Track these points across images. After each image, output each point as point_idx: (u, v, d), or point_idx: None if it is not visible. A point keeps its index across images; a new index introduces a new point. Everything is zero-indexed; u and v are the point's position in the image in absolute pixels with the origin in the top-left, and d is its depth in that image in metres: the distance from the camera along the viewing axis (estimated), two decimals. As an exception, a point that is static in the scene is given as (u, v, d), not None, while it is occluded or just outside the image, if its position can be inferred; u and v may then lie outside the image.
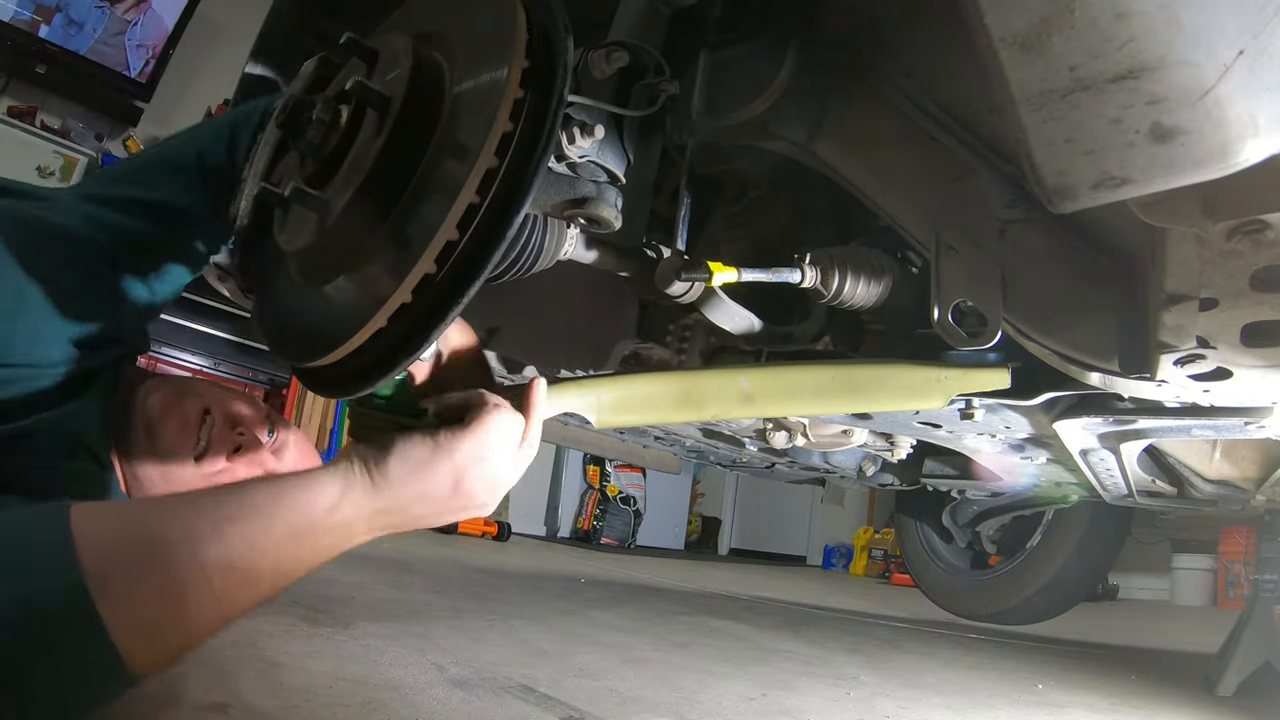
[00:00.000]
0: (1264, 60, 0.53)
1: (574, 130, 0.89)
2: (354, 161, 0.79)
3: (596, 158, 0.94)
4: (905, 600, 4.16)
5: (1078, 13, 0.54)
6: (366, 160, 0.77)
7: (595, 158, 0.94)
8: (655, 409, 1.06)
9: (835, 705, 1.54)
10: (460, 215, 0.71)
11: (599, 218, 0.94)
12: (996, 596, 2.67)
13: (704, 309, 1.14)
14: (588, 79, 0.94)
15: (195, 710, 1.01)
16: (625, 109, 0.95)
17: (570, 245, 1.01)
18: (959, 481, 2.02)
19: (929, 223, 1.00)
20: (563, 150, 0.91)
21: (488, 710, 1.20)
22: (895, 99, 1.01)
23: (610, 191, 0.95)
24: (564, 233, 1.00)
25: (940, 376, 1.08)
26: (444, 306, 0.73)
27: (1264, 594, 1.98)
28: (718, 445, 1.98)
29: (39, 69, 4.25)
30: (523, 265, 0.97)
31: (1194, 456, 1.52)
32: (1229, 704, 1.89)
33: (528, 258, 0.97)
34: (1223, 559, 5.18)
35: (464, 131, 0.75)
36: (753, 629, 2.50)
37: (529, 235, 0.95)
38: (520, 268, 0.97)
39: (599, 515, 6.39)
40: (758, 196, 1.36)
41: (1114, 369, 0.93)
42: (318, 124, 0.82)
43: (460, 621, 1.93)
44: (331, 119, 0.82)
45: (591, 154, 0.93)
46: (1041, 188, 0.66)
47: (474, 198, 0.71)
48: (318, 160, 0.82)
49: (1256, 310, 0.76)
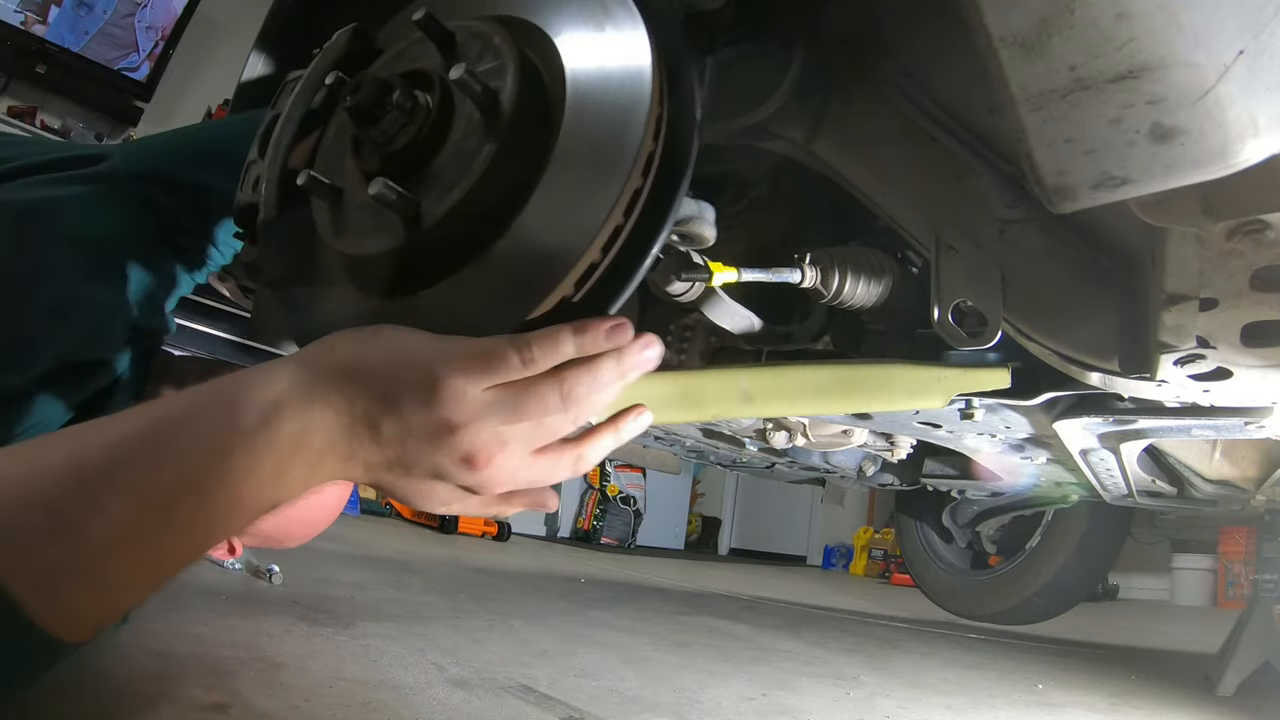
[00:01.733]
0: (1264, 60, 0.53)
1: None
2: (452, 160, 0.70)
3: None
4: (905, 600, 4.16)
5: (1078, 13, 0.54)
6: (477, 162, 0.67)
7: None
8: (655, 409, 1.05)
9: (835, 705, 1.54)
10: (606, 238, 0.65)
11: (700, 236, 0.91)
12: (996, 596, 2.67)
13: (704, 309, 1.14)
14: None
15: (195, 710, 1.01)
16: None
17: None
18: (959, 481, 2.02)
19: (929, 223, 1.00)
20: None
21: (488, 710, 1.20)
22: (895, 99, 1.01)
23: (709, 209, 0.92)
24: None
25: (940, 376, 1.08)
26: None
27: (1264, 594, 1.98)
28: (718, 445, 1.98)
29: (39, 69, 4.25)
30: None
31: (1194, 456, 1.52)
32: (1229, 704, 1.89)
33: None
34: (1223, 559, 5.18)
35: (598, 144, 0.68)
36: (753, 629, 2.50)
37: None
38: None
39: (599, 515, 6.39)
40: (757, 196, 1.36)
41: (1114, 369, 0.93)
42: (396, 111, 0.71)
43: (460, 621, 1.93)
44: (411, 107, 0.72)
45: None
46: (1041, 188, 0.66)
47: (620, 219, 0.65)
48: (385, 153, 0.72)
49: (1256, 310, 0.76)
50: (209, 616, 1.51)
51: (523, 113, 0.69)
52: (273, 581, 1.96)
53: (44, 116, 4.33)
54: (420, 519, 4.86)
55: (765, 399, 1.08)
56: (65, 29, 4.37)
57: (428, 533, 4.60)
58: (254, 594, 1.84)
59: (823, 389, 1.09)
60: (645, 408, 0.73)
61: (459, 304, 0.69)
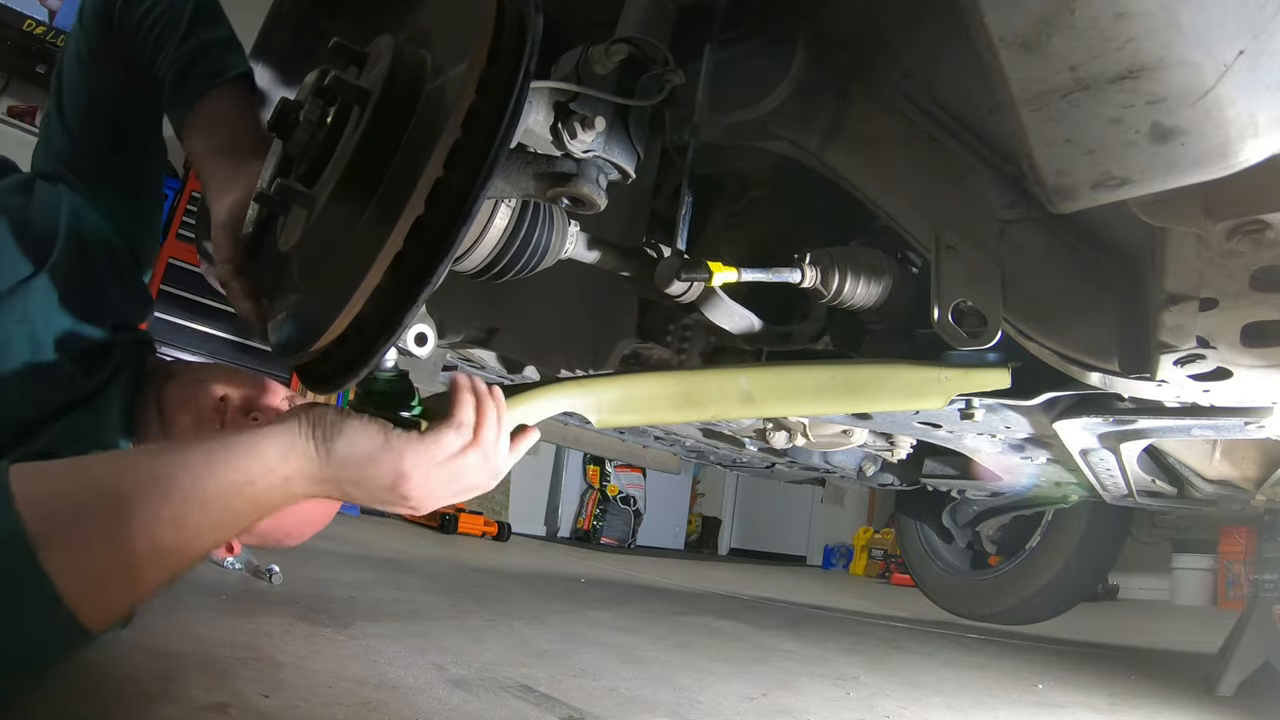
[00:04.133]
0: (1264, 60, 0.53)
1: (574, 124, 0.88)
2: (339, 156, 0.81)
3: (603, 153, 0.92)
4: (905, 600, 4.16)
5: (1078, 13, 0.54)
6: (348, 152, 0.79)
7: (601, 153, 0.92)
8: (655, 409, 1.06)
9: (835, 705, 1.54)
10: (428, 191, 0.72)
11: (582, 195, 0.92)
12: (996, 596, 2.67)
13: (704, 309, 1.14)
14: (589, 74, 0.93)
15: (195, 710, 1.01)
16: (630, 100, 0.93)
17: (572, 243, 1.01)
18: (959, 481, 2.02)
19: (929, 223, 1.00)
20: (565, 145, 0.90)
21: (488, 710, 1.20)
22: (895, 99, 1.01)
23: (591, 169, 0.92)
24: (566, 230, 0.99)
25: (940, 376, 1.08)
26: (416, 286, 0.74)
27: (1264, 594, 1.98)
28: (718, 445, 1.98)
29: (39, 69, 4.25)
30: (526, 261, 0.96)
31: (1194, 456, 1.52)
32: (1229, 704, 1.89)
33: (531, 253, 0.96)
34: (1223, 559, 5.18)
35: (435, 115, 0.77)
36: (753, 629, 2.50)
37: (531, 230, 0.95)
38: (524, 264, 0.96)
39: (599, 515, 6.39)
40: (758, 196, 1.36)
41: (1114, 369, 0.93)
42: (305, 123, 0.83)
43: (460, 621, 1.93)
44: (319, 118, 0.83)
45: (597, 149, 0.91)
46: (1041, 188, 0.66)
47: (441, 172, 0.73)
48: (309, 160, 0.83)
49: (1256, 310, 0.76)
50: (209, 616, 1.51)
51: (388, 103, 0.79)
52: (273, 581, 1.96)
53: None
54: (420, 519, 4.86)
55: (765, 399, 1.08)
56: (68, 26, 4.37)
57: (427, 533, 4.60)
58: (254, 594, 1.84)
59: (822, 389, 1.09)
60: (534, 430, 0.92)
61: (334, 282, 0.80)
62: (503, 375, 1.88)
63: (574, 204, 0.93)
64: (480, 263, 0.94)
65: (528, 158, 0.91)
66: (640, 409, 1.03)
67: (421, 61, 0.82)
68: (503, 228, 0.93)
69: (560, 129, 0.89)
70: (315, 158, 0.83)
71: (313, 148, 0.83)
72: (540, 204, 0.95)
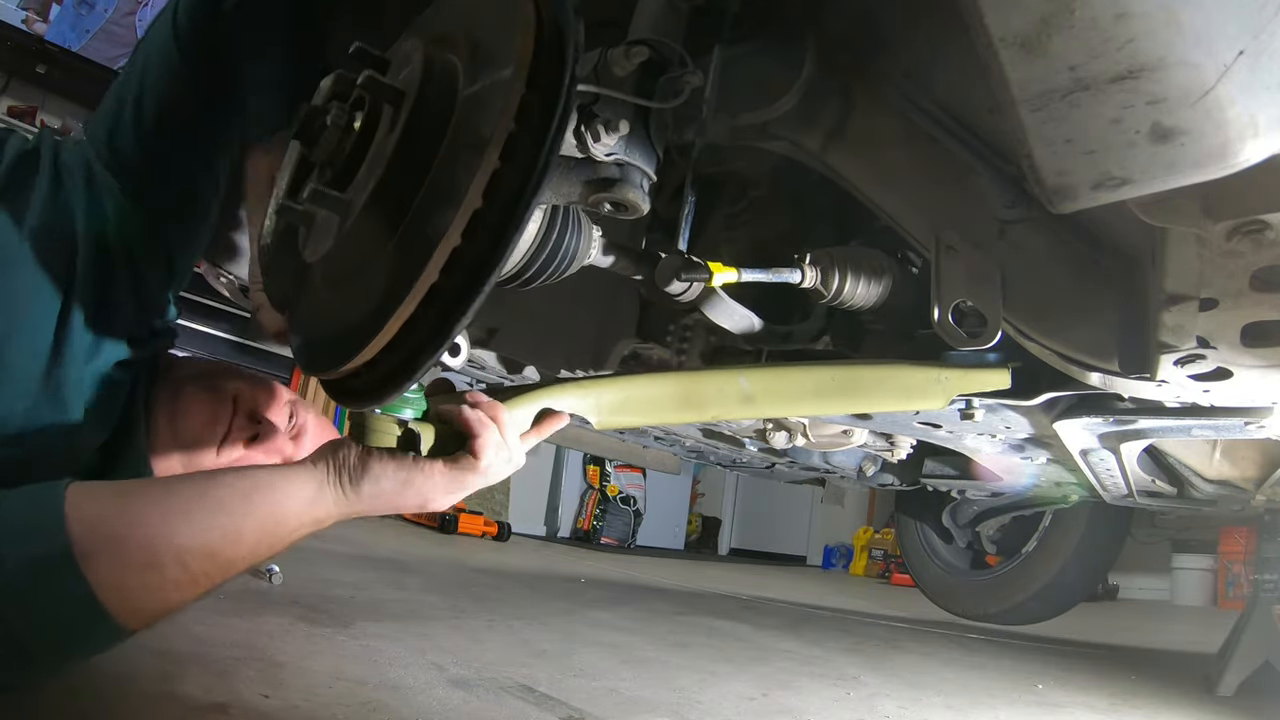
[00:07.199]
0: (1264, 60, 0.53)
1: (598, 128, 0.87)
2: (374, 158, 0.80)
3: (625, 155, 0.91)
4: (905, 600, 4.16)
5: (1078, 13, 0.54)
6: (385, 153, 0.78)
7: (624, 156, 0.91)
8: (655, 410, 1.05)
9: (835, 705, 1.54)
10: (465, 224, 0.72)
11: (626, 201, 0.91)
12: (996, 596, 2.67)
13: (704, 309, 1.14)
14: (608, 76, 0.91)
15: (195, 710, 1.01)
16: (651, 102, 0.92)
17: (595, 249, 0.99)
18: (959, 481, 2.02)
19: (929, 223, 1.00)
20: (589, 149, 0.88)
21: (488, 710, 1.20)
22: (895, 99, 1.01)
23: (634, 173, 0.92)
24: (592, 235, 0.98)
25: (940, 377, 1.08)
26: (464, 300, 0.74)
27: (1264, 594, 1.98)
28: (718, 445, 1.98)
29: (39, 69, 4.25)
30: (557, 268, 0.95)
31: (1194, 456, 1.52)
32: (1229, 704, 1.89)
33: (561, 259, 0.95)
34: (1223, 559, 5.17)
35: (477, 123, 0.76)
36: (753, 629, 2.50)
37: (561, 236, 0.94)
38: (554, 270, 0.95)
39: (599, 515, 6.38)
40: (758, 196, 1.36)
41: (1114, 369, 0.93)
42: (333, 129, 0.83)
43: (460, 621, 1.93)
44: (346, 124, 0.83)
45: (619, 152, 0.90)
46: (1041, 188, 0.66)
47: (479, 202, 0.72)
48: (336, 166, 0.83)
49: (1256, 310, 0.76)
50: (209, 616, 1.51)
51: (425, 103, 0.78)
52: (273, 581, 1.96)
53: (44, 116, 4.33)
54: (420, 519, 4.86)
55: (765, 399, 1.08)
56: (66, 26, 4.37)
57: (428, 532, 4.60)
58: (254, 594, 1.84)
59: (822, 389, 1.09)
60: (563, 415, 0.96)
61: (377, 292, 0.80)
62: (503, 375, 1.88)
63: (615, 209, 0.93)
64: (512, 270, 0.93)
65: (570, 163, 0.89)
66: (640, 410, 1.03)
67: (452, 65, 0.82)
68: (534, 234, 0.91)
69: (584, 132, 0.87)
70: (344, 164, 0.82)
71: (340, 153, 0.82)
72: (568, 209, 0.94)
